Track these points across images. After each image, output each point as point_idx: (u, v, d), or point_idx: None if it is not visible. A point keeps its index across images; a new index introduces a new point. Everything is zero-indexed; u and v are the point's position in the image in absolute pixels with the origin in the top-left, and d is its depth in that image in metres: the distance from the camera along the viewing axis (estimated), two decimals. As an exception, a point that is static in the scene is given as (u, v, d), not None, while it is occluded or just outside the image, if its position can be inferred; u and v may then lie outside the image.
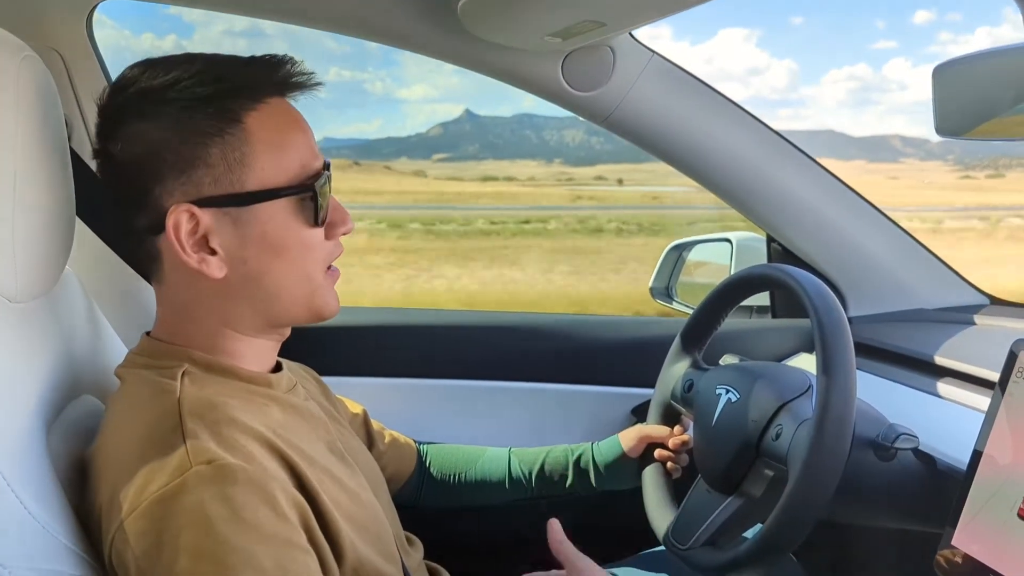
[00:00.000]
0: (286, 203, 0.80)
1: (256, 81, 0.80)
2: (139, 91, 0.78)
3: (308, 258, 0.82)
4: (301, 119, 0.83)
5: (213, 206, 0.77)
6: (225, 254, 0.79)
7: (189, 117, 0.77)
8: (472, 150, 71.58)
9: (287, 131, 0.81)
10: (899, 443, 0.90)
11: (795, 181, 1.40)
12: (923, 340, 1.29)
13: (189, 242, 0.77)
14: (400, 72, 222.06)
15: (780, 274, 1.01)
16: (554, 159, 64.25)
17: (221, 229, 0.78)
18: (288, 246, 0.80)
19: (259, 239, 0.79)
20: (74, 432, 0.81)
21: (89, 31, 1.30)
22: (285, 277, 0.81)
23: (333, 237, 0.85)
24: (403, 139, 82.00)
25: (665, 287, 1.94)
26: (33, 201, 0.77)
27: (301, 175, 0.80)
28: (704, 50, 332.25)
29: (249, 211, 0.78)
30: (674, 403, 1.17)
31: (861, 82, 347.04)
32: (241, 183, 0.78)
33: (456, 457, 1.21)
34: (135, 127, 0.78)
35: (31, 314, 0.81)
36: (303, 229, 0.81)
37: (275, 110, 0.80)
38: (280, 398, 0.85)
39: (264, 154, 0.78)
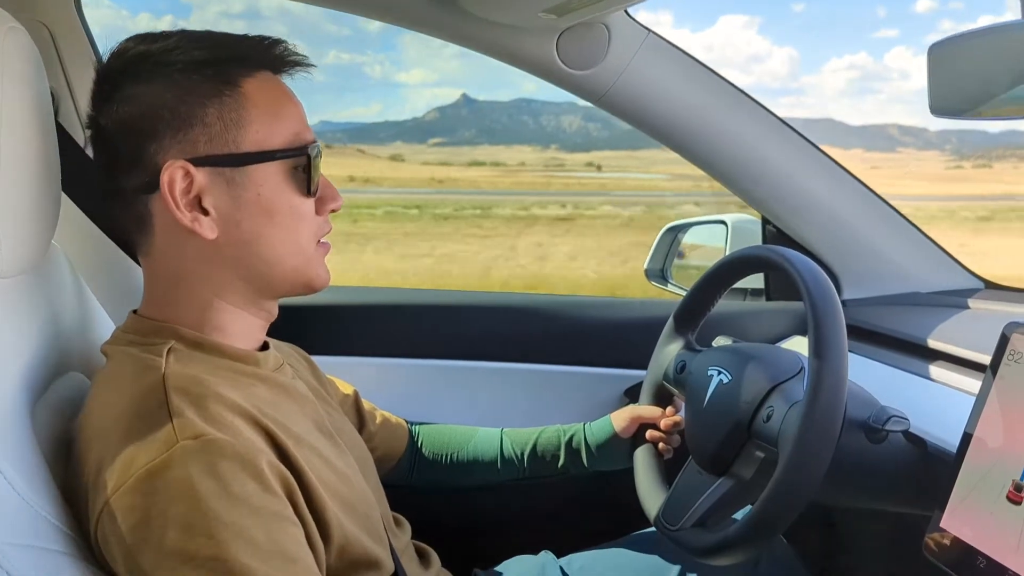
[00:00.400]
0: (280, 168, 0.81)
1: (251, 54, 0.82)
2: (138, 54, 0.79)
3: (300, 227, 0.83)
4: (294, 95, 0.85)
5: (208, 165, 0.78)
6: (218, 215, 0.79)
7: (187, 78, 0.78)
8: (468, 135, 71.72)
9: (281, 101, 0.82)
10: (890, 425, 0.89)
11: (791, 163, 1.39)
12: (916, 323, 1.29)
13: (183, 200, 0.78)
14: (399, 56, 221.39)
15: (774, 256, 1.00)
16: (550, 144, 64.35)
17: (215, 189, 0.78)
18: (280, 211, 0.81)
19: (252, 201, 0.79)
20: (60, 409, 0.80)
21: (77, 5, 1.28)
22: (279, 243, 0.82)
23: (323, 212, 0.86)
24: (400, 123, 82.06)
25: (660, 269, 1.94)
26: (17, 174, 0.76)
27: (295, 143, 0.82)
28: (705, 37, 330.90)
29: (243, 172, 0.79)
30: (666, 384, 1.16)
31: (862, 71, 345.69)
32: (237, 143, 0.79)
33: (448, 437, 1.21)
34: (134, 89, 0.79)
35: (18, 289, 0.81)
36: (295, 196, 0.82)
37: (270, 82, 0.82)
38: (267, 376, 0.85)
39: (260, 118, 0.80)
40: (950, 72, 0.66)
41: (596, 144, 60.20)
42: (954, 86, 0.66)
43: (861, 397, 0.95)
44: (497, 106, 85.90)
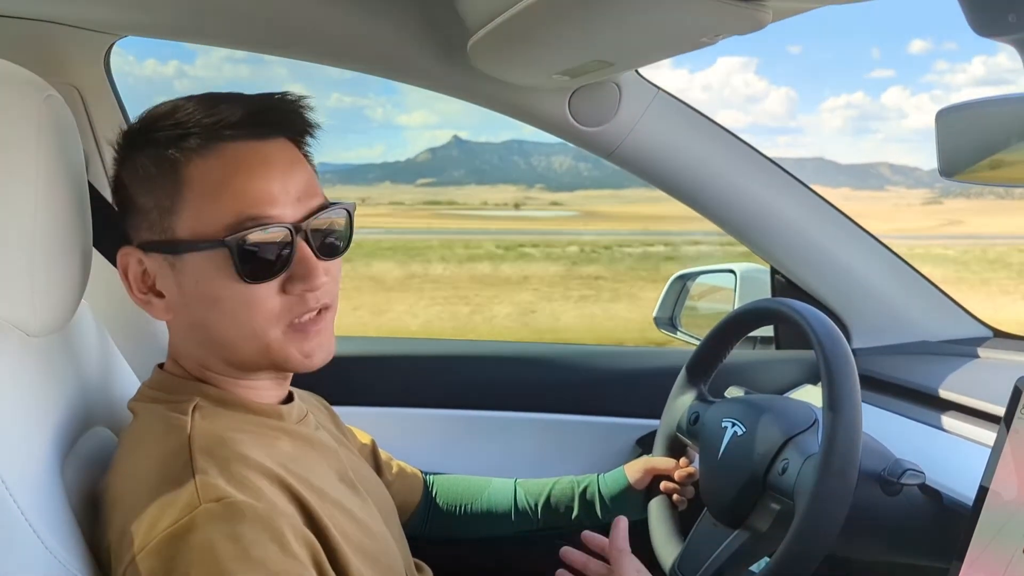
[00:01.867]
0: (214, 255, 0.76)
1: (217, 124, 0.77)
2: (126, 133, 0.82)
3: (249, 314, 0.78)
4: (263, 164, 0.77)
5: (152, 251, 0.80)
6: (169, 298, 0.81)
7: (140, 161, 0.79)
8: (458, 175, 72.52)
9: (231, 178, 0.76)
10: (905, 479, 0.90)
11: (797, 214, 1.41)
12: (927, 373, 1.30)
13: (137, 284, 0.81)
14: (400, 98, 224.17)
15: (785, 309, 1.02)
16: (535, 184, 65.14)
17: (163, 274, 0.80)
18: (222, 298, 0.77)
19: (193, 288, 0.78)
20: (88, 465, 0.82)
21: (107, 68, 1.32)
22: (227, 329, 0.79)
23: (292, 293, 0.79)
24: (389, 164, 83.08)
25: (669, 317, 1.95)
26: (53, 237, 0.78)
27: (232, 225, 0.75)
28: (703, 77, 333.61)
29: (182, 259, 0.78)
30: (680, 435, 1.17)
31: (859, 110, 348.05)
32: (172, 230, 0.78)
33: (462, 488, 1.21)
34: (121, 167, 0.82)
35: (48, 348, 0.82)
36: (236, 283, 0.76)
37: (229, 155, 0.77)
38: (290, 429, 0.86)
39: (195, 203, 0.77)
40: (957, 137, 0.69)
41: (585, 183, 61.03)
42: (961, 151, 0.68)
43: (875, 450, 0.96)
44: (488, 147, 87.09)
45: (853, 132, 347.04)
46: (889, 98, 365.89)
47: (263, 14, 1.17)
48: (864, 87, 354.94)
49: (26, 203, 0.75)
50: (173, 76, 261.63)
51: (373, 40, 1.20)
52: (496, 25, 0.99)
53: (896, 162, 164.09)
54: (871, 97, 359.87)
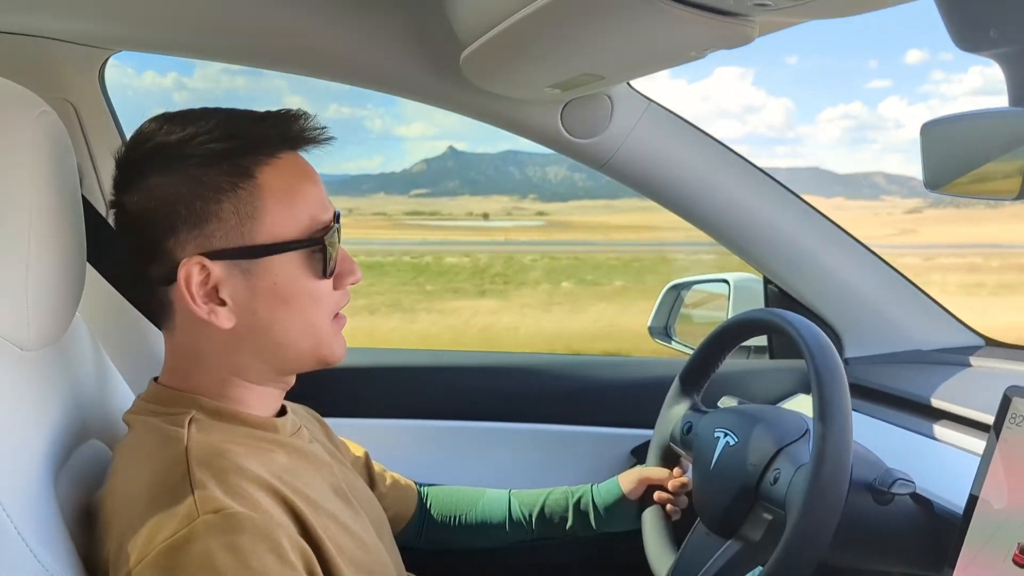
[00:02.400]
0: (296, 255, 0.81)
1: (269, 137, 0.82)
2: (156, 146, 0.80)
3: (316, 308, 0.84)
4: (312, 172, 0.85)
5: (224, 258, 0.79)
6: (234, 305, 0.80)
7: (203, 172, 0.79)
8: (452, 186, 72.77)
9: (298, 185, 0.83)
10: (896, 488, 0.91)
11: (790, 224, 1.42)
12: (919, 382, 1.31)
13: (200, 293, 0.79)
14: (399, 110, 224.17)
15: (777, 319, 1.02)
16: (528, 194, 65.49)
17: (231, 280, 0.80)
18: (297, 297, 0.82)
19: (269, 290, 0.81)
20: (82, 478, 0.82)
21: (101, 82, 1.33)
22: (292, 327, 0.83)
23: (341, 287, 0.87)
24: (385, 175, 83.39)
25: (663, 327, 1.96)
26: (46, 251, 0.78)
27: (311, 228, 0.82)
28: (700, 88, 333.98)
29: (259, 263, 0.80)
30: (673, 445, 1.18)
31: (856, 120, 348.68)
32: (252, 236, 0.80)
33: (456, 499, 1.22)
34: (151, 180, 0.80)
35: (42, 361, 0.82)
36: (312, 280, 0.83)
37: (287, 164, 0.83)
38: (285, 442, 0.86)
39: (275, 208, 0.80)
40: (942, 150, 0.69)
41: (577, 194, 61.47)
42: (946, 163, 0.69)
43: (866, 459, 0.96)
44: (484, 158, 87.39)
45: (851, 142, 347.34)
46: (886, 108, 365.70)
47: (258, 30, 1.18)
48: (862, 97, 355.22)
49: (20, 218, 0.75)
50: (172, 88, 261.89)
51: (367, 54, 1.21)
52: (488, 39, 1.00)
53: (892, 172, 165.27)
54: (869, 107, 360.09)
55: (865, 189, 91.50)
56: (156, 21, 1.18)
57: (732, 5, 0.76)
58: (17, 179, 0.75)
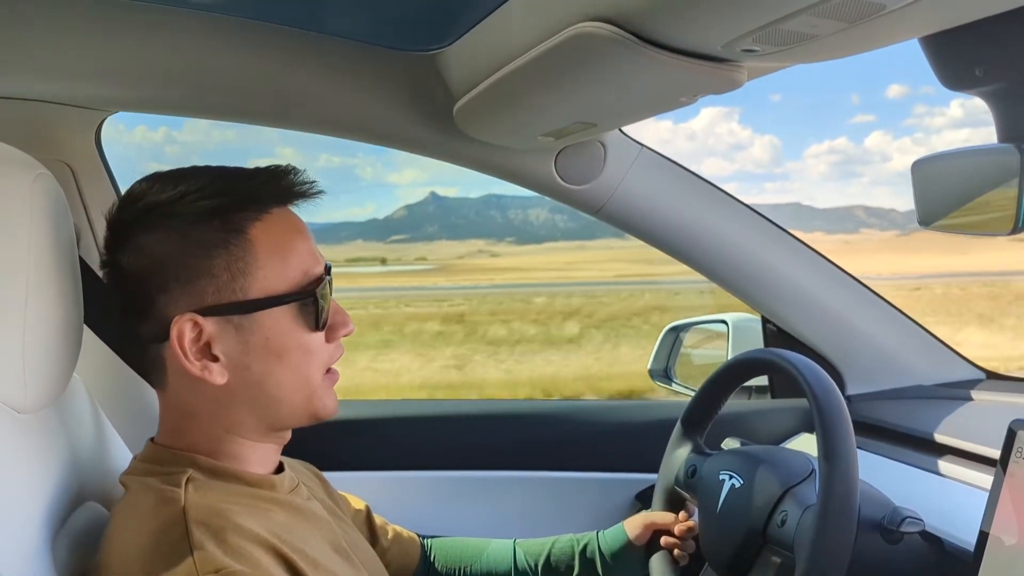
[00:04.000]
0: (288, 309, 0.82)
1: (260, 193, 0.82)
2: (147, 205, 0.81)
3: (309, 362, 0.84)
4: (303, 226, 0.86)
5: (216, 314, 0.79)
6: (227, 360, 0.80)
7: (194, 230, 0.79)
8: (431, 231, 73.22)
9: (289, 239, 0.83)
10: (905, 526, 0.90)
11: (786, 263, 1.43)
12: (922, 417, 1.30)
13: (192, 350, 0.79)
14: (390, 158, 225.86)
15: (777, 359, 1.02)
16: (505, 237, 66.11)
17: (224, 336, 0.80)
18: (290, 350, 0.82)
19: (262, 345, 0.81)
20: (80, 542, 0.81)
21: (98, 143, 1.34)
22: (286, 381, 0.83)
23: (334, 340, 0.87)
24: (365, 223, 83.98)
25: (664, 369, 1.95)
26: (43, 314, 0.78)
27: (303, 281, 0.82)
28: (687, 127, 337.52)
29: (251, 318, 0.80)
30: (678, 489, 1.17)
31: (843, 155, 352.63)
32: (244, 291, 0.80)
33: (460, 550, 1.20)
34: (142, 239, 0.80)
35: (38, 424, 0.82)
36: (304, 334, 0.83)
37: (278, 219, 0.83)
38: (283, 500, 0.85)
39: (267, 263, 0.81)
40: (934, 186, 0.70)
41: (553, 235, 62.06)
42: (938, 199, 0.69)
43: (874, 497, 0.95)
44: (465, 202, 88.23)
45: (839, 177, 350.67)
46: (872, 142, 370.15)
47: (253, 88, 1.20)
48: (847, 132, 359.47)
49: (17, 281, 0.75)
50: (163, 142, 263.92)
51: (360, 109, 1.23)
52: (480, 91, 1.02)
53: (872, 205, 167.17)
54: (854, 142, 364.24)
55: (846, 223, 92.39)
56: (151, 82, 1.19)
57: (721, 52, 0.78)
58: (14, 242, 0.75)
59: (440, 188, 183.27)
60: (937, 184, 0.69)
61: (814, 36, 0.69)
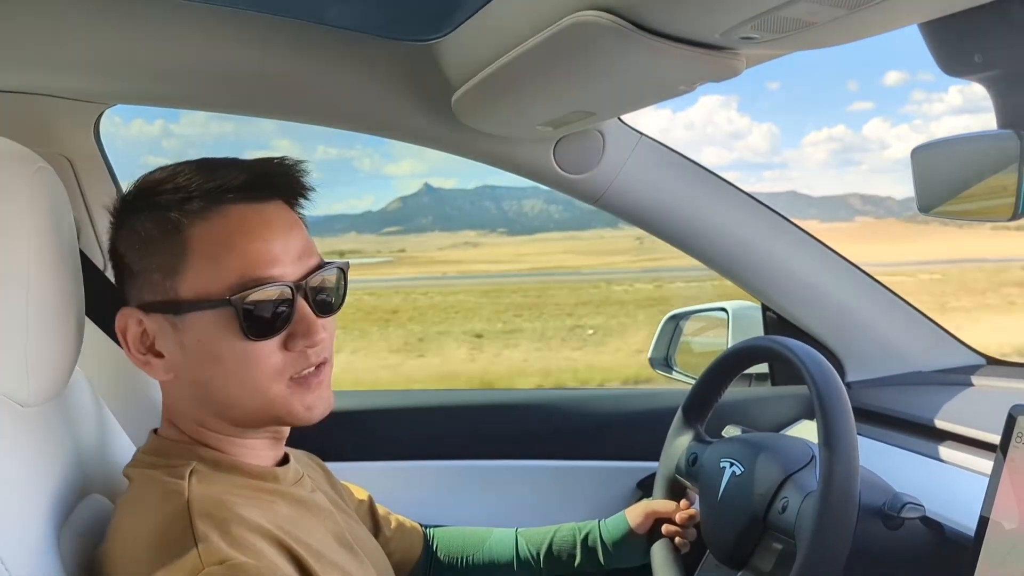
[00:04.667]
0: (218, 314, 0.77)
1: (219, 188, 0.79)
2: (125, 198, 0.84)
3: (253, 369, 0.79)
4: (264, 226, 0.80)
5: (153, 311, 0.80)
6: (169, 358, 0.81)
7: (141, 226, 0.80)
8: (425, 222, 73.08)
9: (234, 240, 0.78)
10: (905, 512, 0.90)
11: (785, 251, 1.43)
12: (922, 404, 1.30)
13: (136, 345, 0.81)
14: (388, 149, 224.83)
15: (777, 346, 1.02)
16: (497, 228, 66.06)
17: (163, 334, 0.80)
18: (224, 356, 0.78)
19: (195, 347, 0.79)
20: (84, 533, 0.81)
21: (96, 136, 1.34)
22: (229, 386, 0.80)
23: (294, 349, 0.80)
24: (359, 215, 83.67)
25: (664, 357, 1.95)
26: (46, 308, 0.78)
27: (238, 286, 0.77)
28: (685, 116, 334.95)
29: (184, 319, 0.79)
30: (679, 477, 1.17)
31: (841, 143, 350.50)
32: (175, 291, 0.79)
33: (463, 539, 1.20)
34: (119, 231, 0.83)
35: (42, 417, 0.82)
36: (239, 341, 0.78)
37: (230, 217, 0.79)
38: (286, 492, 0.86)
39: (197, 263, 0.78)
40: (934, 173, 0.70)
41: (547, 226, 62.00)
42: (937, 187, 0.69)
43: (874, 483, 0.96)
44: (460, 193, 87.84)
45: (837, 165, 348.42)
46: (871, 130, 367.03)
47: (250, 80, 1.19)
48: (845, 120, 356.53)
49: (19, 275, 0.76)
50: (160, 135, 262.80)
51: (358, 99, 1.23)
52: (479, 80, 1.01)
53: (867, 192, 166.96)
54: (852, 130, 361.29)
55: (841, 211, 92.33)
56: (149, 75, 1.19)
57: (719, 40, 0.78)
58: (16, 236, 0.76)
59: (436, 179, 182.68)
60: (937, 171, 0.69)
61: (813, 23, 0.69)
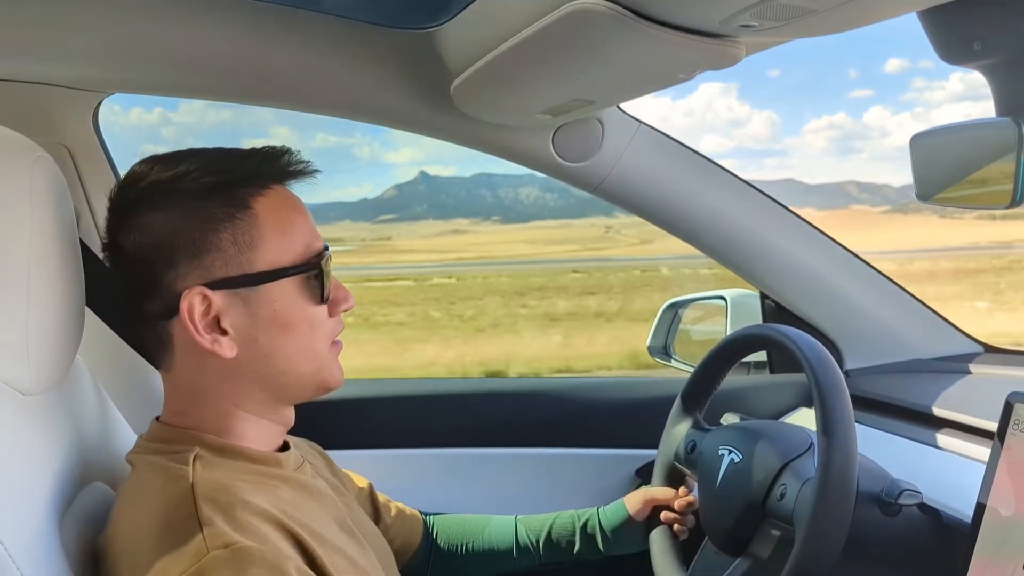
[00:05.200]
0: (293, 282, 0.83)
1: (259, 170, 0.84)
2: (150, 184, 0.82)
3: (314, 334, 0.85)
4: (300, 204, 0.87)
5: (224, 288, 0.80)
6: (236, 334, 0.81)
7: (200, 205, 0.80)
8: (420, 210, 73.02)
9: (291, 214, 0.85)
10: (903, 499, 0.91)
11: (783, 239, 1.43)
12: (920, 391, 1.31)
13: (202, 323, 0.80)
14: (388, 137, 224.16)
15: (775, 334, 1.03)
16: (491, 216, 66.06)
17: (232, 309, 0.81)
18: (296, 323, 0.83)
19: (269, 317, 0.82)
20: (86, 521, 0.81)
21: (95, 125, 1.34)
22: (293, 353, 0.84)
23: (336, 314, 0.89)
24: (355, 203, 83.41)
25: (663, 345, 1.96)
26: (46, 296, 0.79)
27: (306, 254, 0.84)
28: (685, 104, 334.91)
29: (258, 291, 0.81)
30: (678, 464, 1.17)
31: (842, 130, 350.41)
32: (251, 264, 0.81)
33: (463, 527, 1.21)
34: (146, 218, 0.81)
35: (43, 405, 0.82)
36: (309, 307, 0.84)
37: (278, 196, 0.85)
38: (289, 477, 0.86)
39: (271, 236, 0.82)
40: (932, 160, 0.70)
41: (541, 214, 62.01)
42: (936, 174, 0.70)
43: (872, 471, 0.96)
44: (456, 181, 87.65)
45: (838, 152, 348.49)
46: (871, 118, 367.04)
47: (249, 68, 1.19)
48: (845, 108, 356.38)
49: (19, 263, 0.76)
50: (159, 123, 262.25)
51: (357, 87, 1.22)
52: (478, 68, 1.01)
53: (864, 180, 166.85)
54: (853, 117, 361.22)
55: (838, 198, 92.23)
56: (149, 63, 1.19)
57: (718, 27, 0.77)
58: (15, 225, 0.76)
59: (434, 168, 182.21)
60: (936, 158, 0.69)
61: (812, 10, 0.69)
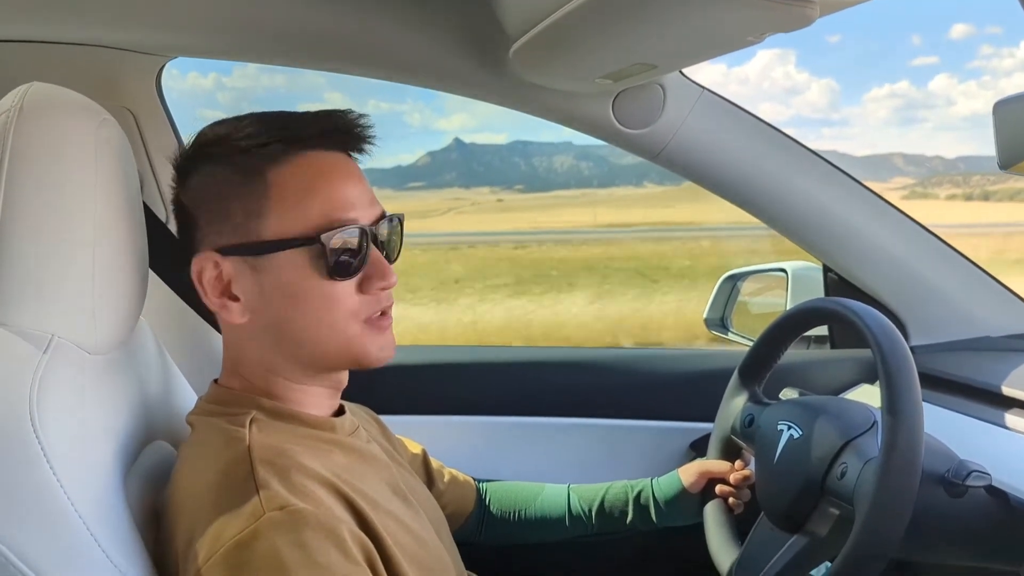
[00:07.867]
0: (302, 254, 0.81)
1: (294, 136, 0.82)
2: (197, 146, 0.85)
3: (332, 309, 0.82)
4: (340, 172, 0.84)
5: (233, 254, 0.82)
6: (246, 301, 0.83)
7: (220, 171, 0.82)
8: (449, 178, 72.83)
9: (316, 184, 0.82)
10: (971, 480, 0.88)
11: (848, 210, 1.39)
12: (989, 370, 1.26)
13: (212, 288, 0.82)
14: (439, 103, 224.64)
15: (840, 308, 1.00)
16: (514, 185, 65.56)
17: (241, 277, 0.82)
18: (306, 296, 0.82)
19: (276, 288, 0.82)
20: (149, 478, 0.83)
21: (159, 89, 1.36)
22: (307, 326, 0.83)
23: (370, 291, 0.84)
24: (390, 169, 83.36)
25: (720, 318, 1.93)
26: (111, 256, 0.80)
27: (320, 227, 0.80)
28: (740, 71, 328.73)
29: (266, 260, 0.81)
30: (735, 438, 1.16)
31: (904, 99, 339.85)
32: (258, 233, 0.81)
33: (515, 494, 1.21)
34: (190, 180, 0.85)
35: (109, 365, 0.84)
36: (321, 281, 0.81)
37: (309, 163, 0.82)
38: (343, 442, 0.87)
39: (281, 206, 0.81)
40: (1015, 128, 0.67)
41: (569, 183, 61.26)
42: (1019, 141, 0.66)
43: (938, 450, 0.93)
44: (490, 149, 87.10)
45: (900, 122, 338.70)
46: (936, 86, 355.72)
47: (306, 31, 1.19)
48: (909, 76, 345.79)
49: (85, 225, 0.77)
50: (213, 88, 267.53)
51: (415, 51, 1.21)
52: (537, 32, 0.99)
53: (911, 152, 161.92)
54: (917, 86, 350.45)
55: (882, 171, 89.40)
56: (209, 27, 1.20)
57: (792, -14, 0.74)
58: (81, 187, 0.77)
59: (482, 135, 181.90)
60: (1018, 125, 0.65)
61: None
